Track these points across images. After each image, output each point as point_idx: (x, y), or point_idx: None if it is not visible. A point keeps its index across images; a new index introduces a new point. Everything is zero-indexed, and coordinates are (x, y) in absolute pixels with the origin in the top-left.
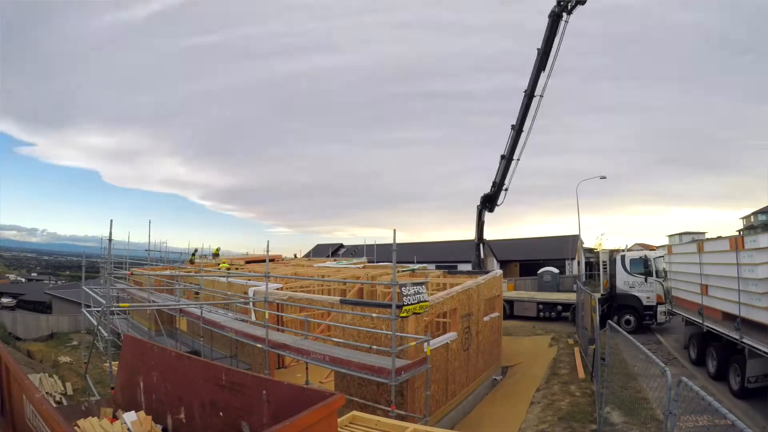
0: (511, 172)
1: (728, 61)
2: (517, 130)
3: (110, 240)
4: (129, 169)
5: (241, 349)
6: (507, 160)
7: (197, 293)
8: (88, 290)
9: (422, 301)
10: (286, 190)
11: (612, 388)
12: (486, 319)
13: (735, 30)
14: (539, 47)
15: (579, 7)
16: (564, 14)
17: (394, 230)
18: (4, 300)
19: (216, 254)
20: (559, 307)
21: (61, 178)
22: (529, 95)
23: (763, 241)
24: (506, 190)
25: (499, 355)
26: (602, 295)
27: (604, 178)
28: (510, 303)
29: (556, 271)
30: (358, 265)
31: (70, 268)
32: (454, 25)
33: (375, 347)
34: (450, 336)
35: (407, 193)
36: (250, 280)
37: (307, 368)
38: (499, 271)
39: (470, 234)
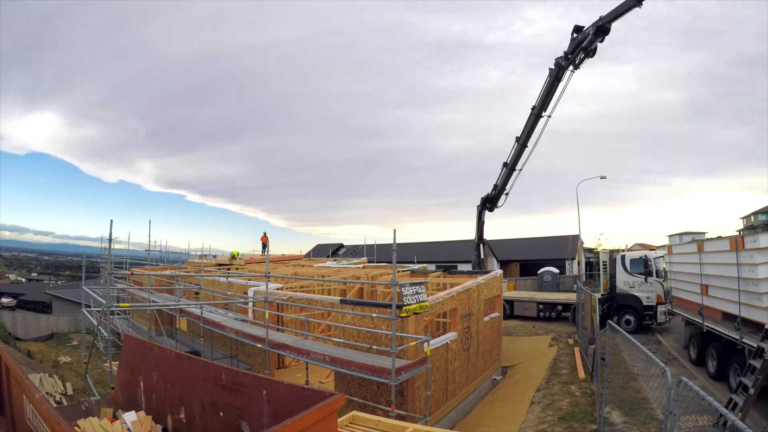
0: (513, 180)
1: None
2: (522, 144)
3: (110, 240)
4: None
5: (241, 349)
6: (509, 169)
7: (197, 293)
8: (88, 290)
9: (422, 302)
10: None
11: (612, 388)
12: (486, 319)
13: None
14: (552, 67)
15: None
16: (571, 66)
17: (394, 230)
18: (4, 300)
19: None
20: (559, 307)
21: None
22: (537, 114)
23: (763, 241)
24: (507, 194)
25: (499, 355)
26: (602, 295)
27: (603, 177)
28: (510, 303)
29: (556, 271)
30: (358, 265)
31: (70, 268)
32: None
33: (375, 347)
34: (450, 336)
35: None
36: (250, 280)
37: (307, 368)
38: (499, 271)
39: (470, 233)
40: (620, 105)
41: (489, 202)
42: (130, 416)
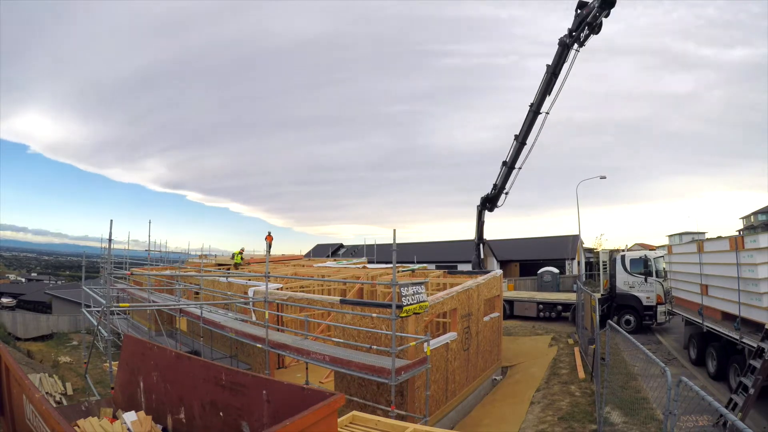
0: (512, 179)
1: None
2: (521, 142)
3: (110, 240)
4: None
5: (241, 349)
6: (509, 168)
7: (197, 293)
8: (88, 290)
9: (422, 302)
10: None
11: (612, 388)
12: (486, 319)
13: None
14: (549, 63)
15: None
16: (575, 44)
17: (394, 230)
18: (4, 300)
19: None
20: (559, 307)
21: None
22: (535, 111)
23: (763, 241)
24: (507, 194)
25: (499, 355)
26: (602, 295)
27: (603, 177)
28: (510, 303)
29: (556, 271)
30: (358, 265)
31: (70, 268)
32: None
33: (375, 347)
34: (450, 336)
35: None
36: (250, 280)
37: (307, 368)
38: (499, 271)
39: (470, 233)
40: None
41: (489, 202)
42: (130, 416)
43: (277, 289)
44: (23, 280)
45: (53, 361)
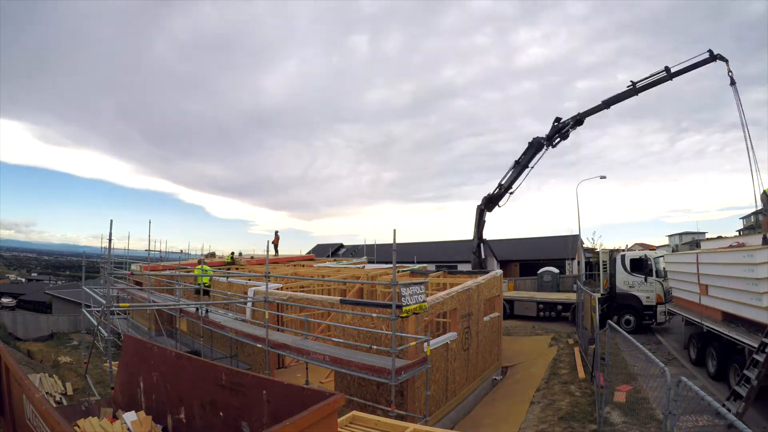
0: (522, 179)
1: None
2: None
3: (110, 240)
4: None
5: (241, 349)
6: (522, 167)
7: (197, 293)
8: (88, 290)
9: (421, 302)
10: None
11: (612, 388)
12: (486, 319)
13: None
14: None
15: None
16: (548, 145)
17: (394, 230)
18: (4, 300)
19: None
20: (559, 307)
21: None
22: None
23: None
24: (511, 193)
25: (499, 355)
26: (602, 294)
27: (603, 177)
28: (510, 303)
29: (556, 271)
30: (358, 265)
31: (70, 268)
32: None
33: (375, 347)
34: (450, 336)
35: None
36: (250, 280)
37: (307, 368)
38: (499, 271)
39: (470, 233)
40: None
41: (490, 202)
42: (130, 416)
43: (277, 289)
44: (23, 280)
45: (53, 361)
